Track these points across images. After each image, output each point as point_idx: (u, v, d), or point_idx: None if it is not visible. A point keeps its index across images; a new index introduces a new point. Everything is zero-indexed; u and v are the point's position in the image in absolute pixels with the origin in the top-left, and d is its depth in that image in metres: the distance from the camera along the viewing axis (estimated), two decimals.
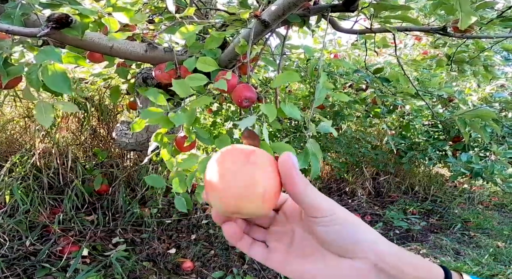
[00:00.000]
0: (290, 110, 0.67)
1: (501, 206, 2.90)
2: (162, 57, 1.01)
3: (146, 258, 1.56)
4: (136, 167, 1.86)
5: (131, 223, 1.77)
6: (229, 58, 1.03)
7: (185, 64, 0.87)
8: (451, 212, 2.62)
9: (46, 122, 0.74)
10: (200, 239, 1.78)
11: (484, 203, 2.89)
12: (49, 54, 0.60)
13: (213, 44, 0.95)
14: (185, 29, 0.89)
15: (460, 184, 3.23)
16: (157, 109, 0.66)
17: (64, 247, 1.46)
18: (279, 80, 0.70)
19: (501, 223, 2.50)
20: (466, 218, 2.50)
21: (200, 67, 0.80)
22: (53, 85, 0.62)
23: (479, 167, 1.53)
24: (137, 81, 1.08)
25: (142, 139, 1.04)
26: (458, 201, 2.82)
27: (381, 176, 2.86)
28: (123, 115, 1.87)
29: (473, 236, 2.22)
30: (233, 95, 0.72)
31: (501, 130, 1.71)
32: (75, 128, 1.77)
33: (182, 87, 0.67)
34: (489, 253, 1.96)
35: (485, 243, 2.10)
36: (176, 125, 0.65)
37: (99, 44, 0.87)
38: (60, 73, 0.60)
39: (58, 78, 0.59)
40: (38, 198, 1.56)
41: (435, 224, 2.40)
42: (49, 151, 1.58)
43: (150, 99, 0.64)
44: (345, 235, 0.25)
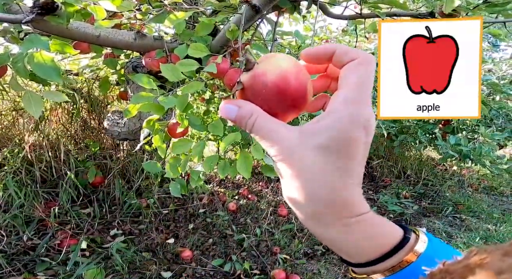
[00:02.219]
0: None
1: (490, 188, 2.99)
2: (152, 45, 1.00)
3: (145, 249, 1.58)
4: (130, 157, 1.85)
5: (128, 215, 1.77)
6: (220, 45, 1.02)
7: (176, 51, 0.87)
8: (442, 195, 2.69)
9: (36, 113, 0.74)
10: (198, 228, 1.80)
11: (473, 186, 2.97)
12: (36, 42, 0.60)
13: (203, 31, 0.95)
14: (174, 16, 0.88)
15: (450, 167, 3.31)
16: (148, 93, 0.66)
17: (62, 240, 1.46)
18: None
19: (490, 206, 2.58)
20: (457, 201, 2.57)
21: (191, 53, 0.80)
22: (41, 73, 0.61)
23: (467, 149, 1.57)
24: (127, 70, 1.07)
25: (135, 128, 1.04)
26: (449, 184, 2.89)
27: (374, 160, 2.90)
28: (114, 106, 1.85)
29: (464, 219, 2.28)
30: (225, 79, 0.72)
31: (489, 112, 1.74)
32: (65, 120, 1.74)
33: (172, 72, 0.67)
34: (480, 236, 2.03)
35: (476, 226, 2.17)
36: (166, 108, 0.65)
37: (85, 33, 0.86)
38: (48, 60, 0.59)
39: (46, 65, 0.58)
40: (32, 192, 1.55)
41: (427, 207, 2.47)
42: (39, 144, 1.56)
43: (139, 84, 0.64)
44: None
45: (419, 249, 0.24)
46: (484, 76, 1.57)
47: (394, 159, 2.98)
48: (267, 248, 1.70)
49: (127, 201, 1.80)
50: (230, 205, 2.03)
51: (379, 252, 0.24)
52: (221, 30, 1.06)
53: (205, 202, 2.03)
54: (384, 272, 0.24)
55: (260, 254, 1.64)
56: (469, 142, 1.64)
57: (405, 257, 0.24)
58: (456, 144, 1.60)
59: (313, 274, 1.52)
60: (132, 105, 0.72)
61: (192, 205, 1.96)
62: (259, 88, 0.25)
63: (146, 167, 0.79)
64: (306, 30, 1.87)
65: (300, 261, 1.61)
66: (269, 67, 0.25)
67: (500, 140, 1.75)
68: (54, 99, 0.71)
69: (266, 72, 0.25)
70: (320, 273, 1.54)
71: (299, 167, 0.22)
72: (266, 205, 2.13)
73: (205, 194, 2.08)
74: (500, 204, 2.66)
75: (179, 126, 0.72)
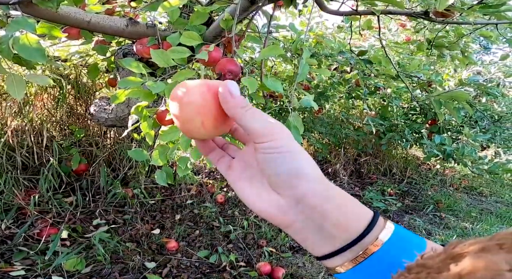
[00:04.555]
0: (272, 84, 0.67)
1: (470, 188, 3.10)
2: (144, 33, 0.97)
3: (129, 239, 1.56)
4: (117, 145, 1.81)
5: (113, 204, 1.74)
6: (214, 35, 1.00)
7: (168, 39, 0.85)
8: (424, 194, 2.77)
9: (18, 95, 0.71)
10: (185, 219, 1.80)
11: (454, 185, 3.07)
12: (22, 24, 0.58)
13: (198, 21, 0.93)
14: (168, 3, 0.85)
15: (434, 166, 3.41)
16: (136, 78, 0.64)
17: (41, 229, 1.42)
18: (264, 53, 0.69)
19: (469, 205, 2.68)
20: (438, 199, 2.65)
21: (184, 41, 0.78)
22: (25, 54, 0.59)
23: (451, 149, 1.61)
24: (117, 57, 1.04)
25: (123, 114, 1.01)
26: (431, 183, 2.98)
27: (362, 157, 2.96)
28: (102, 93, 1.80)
29: (443, 217, 2.36)
30: (217, 68, 0.71)
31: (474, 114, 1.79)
32: (51, 106, 1.69)
33: (162, 57, 0.65)
34: (457, 233, 2.10)
35: (454, 224, 2.25)
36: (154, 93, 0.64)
37: (75, 18, 0.82)
38: (33, 43, 0.57)
39: (31, 47, 0.56)
40: (12, 179, 1.49)
41: (410, 205, 2.54)
42: (22, 129, 1.51)
43: (128, 68, 0.62)
44: (276, 167, 0.25)
45: (383, 237, 0.23)
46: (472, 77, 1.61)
47: (381, 156, 3.04)
48: (253, 240, 1.72)
49: (112, 190, 1.77)
50: (218, 197, 2.02)
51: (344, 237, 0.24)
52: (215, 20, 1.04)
53: (193, 193, 2.02)
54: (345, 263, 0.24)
55: (246, 247, 1.65)
56: (453, 142, 1.69)
57: (369, 246, 0.23)
58: (441, 143, 1.65)
59: (297, 267, 1.54)
60: (121, 91, 0.70)
61: (179, 195, 1.95)
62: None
63: (132, 154, 0.77)
64: (301, 26, 1.87)
65: (286, 254, 1.63)
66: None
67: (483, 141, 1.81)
68: (38, 82, 0.68)
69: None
70: (305, 267, 1.56)
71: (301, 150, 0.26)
72: None
73: (193, 185, 2.07)
74: (478, 203, 2.76)
75: (168, 114, 0.71)
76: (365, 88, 1.59)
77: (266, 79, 0.67)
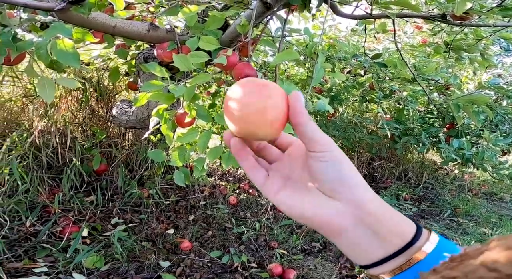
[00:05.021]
0: (288, 88, 0.68)
1: (490, 194, 2.99)
2: (164, 37, 1.01)
3: (145, 238, 1.60)
4: (134, 147, 1.87)
5: (130, 204, 1.80)
6: (230, 39, 1.03)
7: (187, 44, 0.88)
8: (441, 199, 2.70)
9: (49, 98, 0.76)
10: (198, 220, 1.83)
11: (473, 191, 2.97)
12: (59, 30, 0.61)
13: (214, 25, 0.96)
14: (188, 9, 0.89)
15: (452, 171, 3.31)
16: (159, 82, 0.67)
17: (64, 227, 1.48)
18: (279, 58, 0.71)
19: (489, 210, 2.58)
20: (455, 205, 2.57)
21: (202, 45, 0.81)
22: (62, 58, 0.63)
23: (470, 153, 1.57)
24: (138, 61, 1.08)
25: (143, 117, 1.06)
26: (449, 188, 2.90)
27: (375, 161, 2.91)
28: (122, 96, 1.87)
29: (461, 222, 2.29)
30: (234, 72, 0.73)
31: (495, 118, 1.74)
32: (74, 108, 1.77)
33: (184, 62, 0.68)
34: (476, 238, 2.04)
35: (472, 229, 2.18)
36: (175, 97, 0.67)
37: (102, 23, 0.87)
38: (69, 47, 0.61)
39: (67, 52, 0.60)
40: (37, 178, 1.57)
41: (426, 210, 2.48)
42: (47, 130, 1.59)
43: (152, 72, 0.65)
44: (334, 173, 0.26)
45: (427, 248, 0.25)
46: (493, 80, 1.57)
47: (396, 160, 2.98)
48: (265, 242, 1.73)
49: (129, 190, 1.83)
50: (230, 199, 2.05)
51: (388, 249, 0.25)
52: (231, 25, 1.07)
53: (206, 194, 2.05)
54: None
55: (258, 248, 1.66)
56: (472, 146, 1.64)
57: (415, 255, 0.24)
58: (459, 147, 1.61)
59: (309, 270, 1.54)
60: (143, 94, 0.74)
61: (193, 196, 1.98)
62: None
63: (151, 155, 0.80)
64: (315, 29, 1.88)
65: (297, 256, 1.63)
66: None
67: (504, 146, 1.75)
68: (67, 85, 0.72)
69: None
70: (316, 269, 1.56)
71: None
72: (266, 200, 2.15)
73: (206, 187, 2.10)
74: (499, 209, 2.66)
75: (187, 116, 0.74)
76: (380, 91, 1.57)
77: (281, 83, 0.69)
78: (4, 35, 0.66)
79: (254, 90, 0.28)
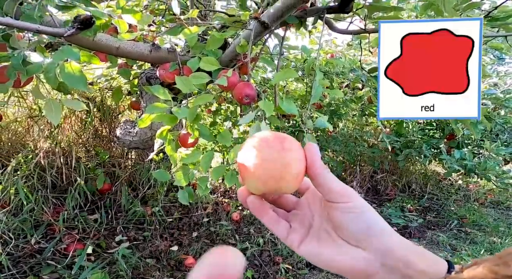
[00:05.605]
0: (288, 106, 0.70)
1: (497, 203, 2.95)
2: (166, 58, 1.05)
3: (149, 255, 1.59)
4: (137, 166, 1.89)
5: (133, 222, 1.80)
6: (230, 58, 1.06)
7: (188, 64, 0.91)
8: (447, 209, 2.66)
9: (55, 120, 0.78)
10: (202, 237, 1.81)
11: (480, 200, 2.94)
12: (68, 53, 0.64)
13: (214, 45, 0.99)
14: (189, 30, 0.92)
15: (456, 181, 3.28)
16: (162, 104, 0.69)
17: (68, 245, 1.48)
18: (278, 78, 0.74)
19: (497, 219, 2.55)
20: (462, 215, 2.54)
21: (203, 66, 0.84)
22: (70, 82, 0.65)
23: (472, 164, 1.57)
24: (141, 81, 1.11)
25: (146, 137, 1.08)
26: (454, 198, 2.86)
27: (378, 174, 2.90)
28: (125, 116, 1.90)
29: (469, 232, 2.26)
30: (234, 92, 0.76)
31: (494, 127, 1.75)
32: (78, 128, 1.80)
33: (185, 84, 0.71)
34: (485, 248, 2.00)
35: (481, 239, 2.14)
36: (179, 119, 0.69)
37: (106, 45, 0.91)
38: (76, 71, 0.63)
39: (75, 75, 0.62)
40: (42, 197, 1.58)
41: (432, 221, 2.44)
42: (52, 151, 1.61)
43: (155, 94, 0.67)
44: (359, 225, 0.27)
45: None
46: (488, 90, 1.59)
47: (398, 173, 2.97)
48: (269, 257, 1.70)
49: (132, 208, 1.83)
50: (233, 215, 2.04)
51: None
52: (230, 44, 1.10)
53: (209, 211, 2.04)
54: None
55: (262, 263, 1.64)
56: (475, 156, 1.64)
57: None
58: (461, 158, 1.61)
59: None
60: (146, 116, 0.76)
61: (196, 214, 1.98)
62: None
63: (156, 175, 0.82)
64: (311, 44, 1.92)
65: (302, 271, 1.61)
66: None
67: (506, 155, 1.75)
68: (74, 107, 0.75)
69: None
70: None
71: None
72: None
73: (209, 204, 2.10)
74: (506, 218, 2.62)
75: (190, 137, 0.76)
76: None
77: (281, 102, 0.71)
78: (14, 59, 0.67)
79: (273, 145, 0.28)
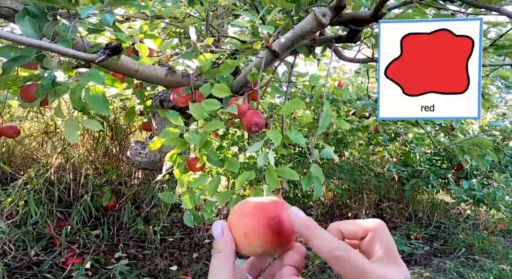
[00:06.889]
0: (295, 137, 0.72)
1: (507, 232, 2.86)
2: (180, 82, 1.09)
3: (148, 274, 1.57)
4: (142, 185, 1.91)
5: (134, 239, 1.79)
6: (240, 85, 1.10)
7: (201, 90, 0.95)
8: (455, 237, 2.58)
9: (73, 139, 0.81)
10: (202, 258, 1.79)
11: (489, 229, 2.85)
12: (94, 77, 0.67)
13: (226, 71, 1.03)
14: (204, 57, 0.97)
15: (465, 211, 3.20)
16: (175, 129, 0.72)
17: (67, 258, 1.47)
18: (286, 108, 0.76)
19: (506, 247, 2.46)
20: (470, 242, 2.46)
21: (215, 93, 0.87)
22: (94, 104, 0.69)
23: (481, 194, 1.55)
24: (154, 103, 1.15)
25: (155, 159, 1.10)
26: (463, 226, 2.78)
27: (384, 203, 2.85)
28: (135, 136, 1.94)
29: (477, 259, 2.18)
30: (243, 120, 0.78)
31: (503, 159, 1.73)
32: (89, 146, 1.84)
33: (198, 110, 0.74)
34: (494, 275, 1.92)
35: (489, 266, 2.06)
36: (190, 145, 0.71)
37: (127, 67, 0.95)
38: (100, 94, 0.67)
39: (98, 98, 0.66)
40: (47, 210, 1.60)
41: (439, 248, 2.37)
42: (63, 166, 1.64)
43: (170, 120, 0.70)
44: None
45: None
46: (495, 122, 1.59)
47: (405, 201, 2.92)
48: None
49: (135, 225, 1.83)
50: None
51: None
52: (241, 70, 1.15)
53: (211, 233, 2.02)
54: None
55: None
56: (484, 187, 1.62)
57: None
58: (470, 188, 1.59)
59: None
60: (157, 139, 0.79)
61: (198, 234, 1.96)
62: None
63: (163, 197, 0.83)
64: (320, 70, 1.97)
65: None
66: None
67: None
68: (92, 128, 0.78)
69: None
70: None
71: None
72: None
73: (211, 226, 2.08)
74: None
75: (199, 162, 0.78)
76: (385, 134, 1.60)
77: (289, 132, 0.73)
78: (45, 79, 0.70)
79: (261, 221, 0.30)
